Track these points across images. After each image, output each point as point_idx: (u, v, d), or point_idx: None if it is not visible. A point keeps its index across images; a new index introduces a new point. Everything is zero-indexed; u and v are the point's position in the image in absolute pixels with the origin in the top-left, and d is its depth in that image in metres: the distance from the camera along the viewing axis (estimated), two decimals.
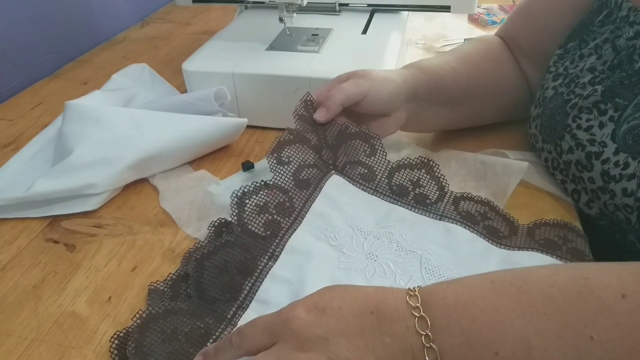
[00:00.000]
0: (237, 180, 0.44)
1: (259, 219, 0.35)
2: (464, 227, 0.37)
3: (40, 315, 0.34)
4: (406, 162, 0.40)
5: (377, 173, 0.40)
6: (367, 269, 0.34)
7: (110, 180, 0.42)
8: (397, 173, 0.40)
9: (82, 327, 0.33)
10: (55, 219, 0.42)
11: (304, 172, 0.38)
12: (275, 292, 0.32)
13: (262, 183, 0.37)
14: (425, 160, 0.40)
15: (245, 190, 0.36)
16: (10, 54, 0.62)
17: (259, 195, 0.36)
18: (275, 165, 0.37)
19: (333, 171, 0.39)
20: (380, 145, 0.41)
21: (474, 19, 0.79)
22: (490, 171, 0.42)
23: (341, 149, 0.40)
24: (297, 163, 0.38)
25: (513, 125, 0.50)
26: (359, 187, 0.39)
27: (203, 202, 0.42)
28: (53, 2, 0.67)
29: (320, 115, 0.39)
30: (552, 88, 0.41)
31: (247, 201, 0.36)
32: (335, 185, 0.38)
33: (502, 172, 0.42)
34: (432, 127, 0.48)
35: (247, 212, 0.35)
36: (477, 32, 0.75)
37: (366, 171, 0.40)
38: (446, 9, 0.57)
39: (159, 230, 0.40)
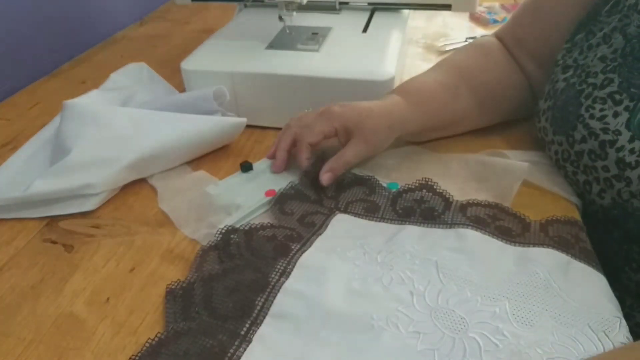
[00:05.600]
0: (236, 181, 0.44)
1: (268, 245, 0.36)
2: (475, 230, 0.36)
3: (39, 316, 0.33)
4: (406, 188, 0.41)
5: (380, 204, 0.40)
6: (384, 277, 0.33)
7: (109, 180, 0.42)
8: (399, 199, 0.40)
9: (81, 328, 0.32)
10: (53, 219, 0.41)
11: (308, 218, 0.39)
12: (291, 305, 0.31)
13: (269, 224, 0.38)
14: (424, 182, 0.41)
15: (253, 226, 0.37)
16: (7, 52, 0.62)
17: (266, 230, 0.37)
18: (279, 214, 0.39)
19: (337, 211, 0.40)
20: (377, 183, 0.42)
21: (475, 18, 0.79)
22: (491, 172, 0.42)
23: (341, 196, 0.41)
24: (300, 214, 0.39)
25: (515, 125, 0.49)
26: (364, 219, 0.39)
27: (201, 202, 0.41)
28: (51, 0, 0.67)
29: (328, 180, 0.40)
30: (562, 80, 0.41)
31: (254, 234, 0.37)
32: (342, 221, 0.39)
33: (503, 174, 0.41)
34: (430, 138, 0.48)
35: (255, 240, 0.36)
36: (478, 31, 0.75)
37: (369, 205, 0.40)
38: (447, 7, 0.57)
39: (158, 230, 0.40)
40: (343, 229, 0.38)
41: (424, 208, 0.39)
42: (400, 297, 0.32)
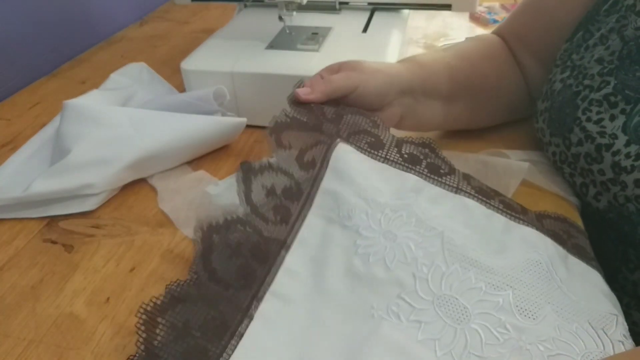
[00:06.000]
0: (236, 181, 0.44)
1: (268, 201, 0.33)
2: (481, 203, 0.35)
3: (38, 316, 0.33)
4: (409, 140, 0.38)
5: (385, 142, 0.37)
6: (387, 253, 0.31)
7: (109, 180, 0.41)
8: (405, 144, 0.38)
9: (80, 328, 0.32)
10: (53, 219, 0.41)
11: (307, 154, 0.35)
12: (292, 288, 0.30)
13: (267, 163, 0.34)
14: (427, 142, 0.38)
15: (253, 167, 0.34)
16: (7, 53, 0.62)
17: (264, 175, 0.34)
18: (277, 148, 0.35)
19: (338, 139, 0.36)
20: (381, 121, 0.39)
21: (475, 18, 0.79)
22: (492, 172, 0.42)
23: (342, 121, 0.38)
24: (299, 147, 0.36)
25: (515, 125, 0.49)
26: (367, 156, 0.36)
27: (201, 202, 0.41)
28: (51, 0, 0.67)
29: (303, 92, 0.37)
30: (560, 81, 0.41)
31: (252, 178, 0.33)
32: (343, 155, 0.35)
33: (503, 173, 0.41)
34: (429, 124, 0.46)
35: (254, 193, 0.33)
36: (478, 31, 0.75)
37: (373, 140, 0.37)
38: (447, 7, 0.57)
39: (158, 230, 0.40)
40: (344, 172, 0.35)
41: (430, 162, 0.37)
42: (402, 281, 0.30)
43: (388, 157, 0.36)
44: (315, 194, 0.34)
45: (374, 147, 0.37)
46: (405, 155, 0.37)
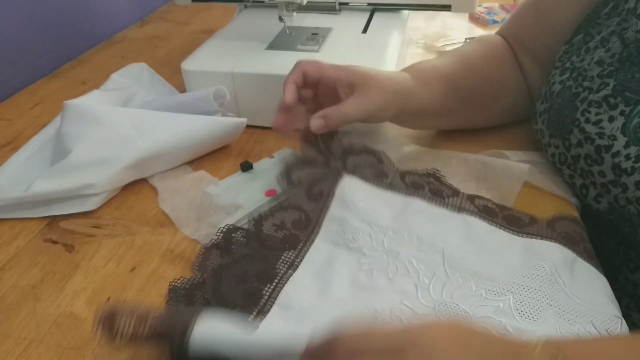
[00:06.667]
0: (236, 181, 0.44)
1: (277, 234, 0.35)
2: (483, 220, 0.36)
3: (39, 316, 0.33)
4: (414, 171, 0.41)
5: (388, 173, 0.40)
6: (389, 268, 0.33)
7: (109, 180, 0.42)
8: (408, 174, 0.41)
9: (81, 328, 0.32)
10: (53, 219, 0.41)
11: (316, 187, 0.38)
12: (297, 297, 0.31)
13: (278, 205, 0.37)
14: (432, 171, 0.41)
15: (263, 214, 0.37)
16: (8, 53, 0.62)
17: (275, 216, 0.37)
18: (287, 186, 0.38)
19: (344, 172, 0.39)
20: (387, 156, 0.42)
21: (474, 18, 0.79)
22: (491, 172, 0.42)
23: (349, 158, 0.41)
24: (308, 182, 0.39)
25: (515, 125, 0.49)
26: (372, 184, 0.38)
27: (201, 202, 0.41)
28: (52, 1, 0.67)
29: (317, 127, 0.39)
30: (559, 83, 0.41)
31: (264, 222, 0.36)
32: (348, 185, 0.38)
33: (503, 174, 0.42)
34: (424, 128, 0.49)
35: (264, 231, 0.36)
36: (478, 32, 0.75)
37: (377, 172, 0.40)
38: (447, 8, 0.57)
39: (158, 230, 0.40)
40: (349, 200, 0.37)
41: (432, 188, 0.39)
42: (404, 290, 0.31)
43: (392, 184, 0.39)
44: (323, 221, 0.36)
45: (378, 177, 0.39)
46: (409, 183, 0.39)
